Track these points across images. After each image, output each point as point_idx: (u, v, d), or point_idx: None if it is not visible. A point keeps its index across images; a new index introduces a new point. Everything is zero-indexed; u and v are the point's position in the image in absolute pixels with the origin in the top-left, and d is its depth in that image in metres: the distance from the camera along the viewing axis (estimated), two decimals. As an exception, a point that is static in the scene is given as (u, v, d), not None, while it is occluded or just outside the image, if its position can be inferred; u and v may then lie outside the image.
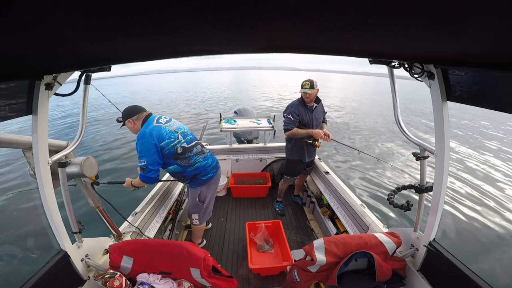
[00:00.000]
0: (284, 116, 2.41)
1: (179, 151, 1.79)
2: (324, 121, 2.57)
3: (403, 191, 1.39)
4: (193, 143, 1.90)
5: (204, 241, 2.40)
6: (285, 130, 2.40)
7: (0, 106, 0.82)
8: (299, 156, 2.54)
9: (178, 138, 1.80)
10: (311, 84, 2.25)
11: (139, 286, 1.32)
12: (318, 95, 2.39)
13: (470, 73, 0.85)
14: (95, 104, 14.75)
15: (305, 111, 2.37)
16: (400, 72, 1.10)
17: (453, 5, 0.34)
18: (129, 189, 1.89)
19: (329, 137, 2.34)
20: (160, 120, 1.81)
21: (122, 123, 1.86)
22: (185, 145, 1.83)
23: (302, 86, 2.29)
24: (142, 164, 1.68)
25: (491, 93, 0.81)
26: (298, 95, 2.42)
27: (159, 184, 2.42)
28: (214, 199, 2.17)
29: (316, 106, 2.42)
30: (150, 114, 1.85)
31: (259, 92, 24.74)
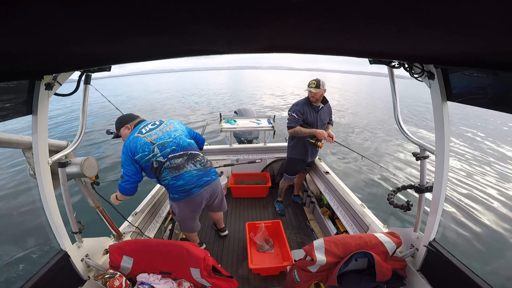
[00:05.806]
0: (288, 114, 2.41)
1: (155, 165, 1.63)
2: (330, 122, 2.55)
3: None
4: (171, 155, 1.65)
5: (204, 245, 2.32)
6: (288, 127, 2.40)
7: (0, 106, 0.82)
8: (301, 155, 2.54)
9: (153, 151, 1.61)
10: (317, 84, 2.25)
11: (139, 286, 1.32)
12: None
13: (470, 73, 0.85)
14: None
15: (310, 111, 2.36)
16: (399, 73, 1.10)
17: (453, 5, 0.34)
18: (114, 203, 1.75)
19: (332, 139, 2.33)
20: (142, 129, 1.66)
21: (115, 134, 1.76)
22: (161, 159, 1.63)
23: (308, 85, 2.29)
24: (121, 173, 1.63)
25: (491, 93, 0.80)
26: (297, 95, 2.40)
27: (159, 185, 2.41)
28: (196, 219, 1.97)
29: (322, 107, 2.41)
30: (139, 122, 1.76)
31: (257, 92, 24.65)
